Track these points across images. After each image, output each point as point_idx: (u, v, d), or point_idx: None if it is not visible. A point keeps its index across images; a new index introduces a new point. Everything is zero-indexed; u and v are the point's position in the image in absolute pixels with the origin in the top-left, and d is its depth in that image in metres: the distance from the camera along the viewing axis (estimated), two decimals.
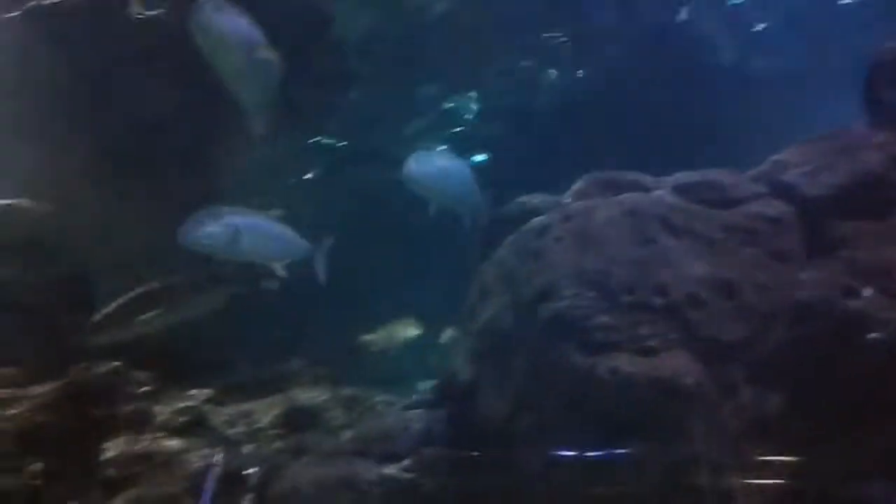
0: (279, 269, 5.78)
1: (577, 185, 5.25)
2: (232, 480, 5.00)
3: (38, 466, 4.92)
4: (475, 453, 4.63)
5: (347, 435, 5.60)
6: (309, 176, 8.87)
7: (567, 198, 5.21)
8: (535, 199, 5.73)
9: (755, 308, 4.13)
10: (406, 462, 4.65)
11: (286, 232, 5.85)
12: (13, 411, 5.01)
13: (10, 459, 4.93)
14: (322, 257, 5.98)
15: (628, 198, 4.76)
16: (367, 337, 8.30)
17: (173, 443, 5.19)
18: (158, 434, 5.22)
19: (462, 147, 8.80)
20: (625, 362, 3.96)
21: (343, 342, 8.17)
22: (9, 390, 5.09)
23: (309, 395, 6.81)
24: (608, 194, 5.00)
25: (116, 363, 5.47)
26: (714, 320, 4.09)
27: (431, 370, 7.89)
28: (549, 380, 4.30)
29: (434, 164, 5.74)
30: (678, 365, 3.93)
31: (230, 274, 6.19)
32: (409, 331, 8.55)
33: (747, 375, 4.03)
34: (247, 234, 5.47)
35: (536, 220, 5.03)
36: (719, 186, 4.72)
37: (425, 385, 7.42)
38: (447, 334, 8.32)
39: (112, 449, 4.99)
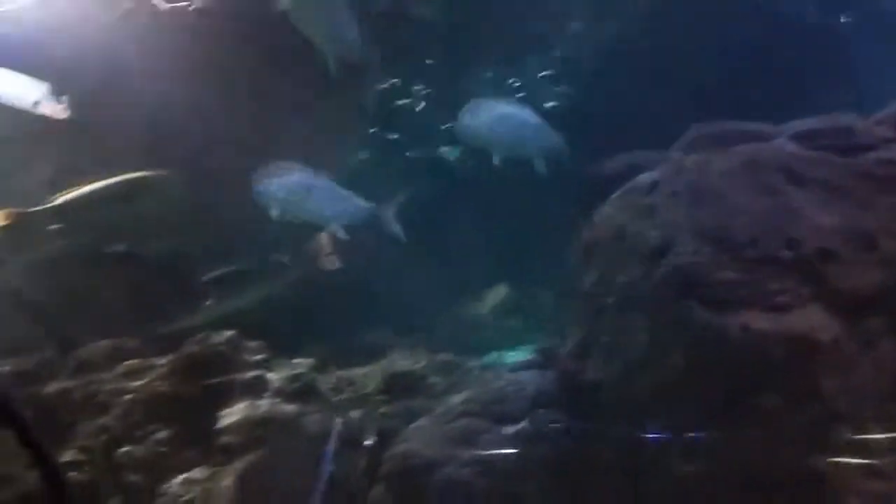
0: (341, 231, 5.79)
1: (686, 138, 5.06)
2: (350, 444, 5.11)
3: (163, 434, 5.14)
4: (588, 416, 4.58)
5: (455, 399, 5.62)
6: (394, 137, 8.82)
7: (676, 151, 5.02)
8: (636, 155, 5.56)
9: (894, 258, 3.89)
10: (523, 423, 4.63)
11: (350, 193, 5.85)
12: (138, 382, 5.23)
13: (138, 428, 5.16)
14: (389, 219, 5.96)
15: (745, 148, 4.55)
16: (461, 304, 8.31)
17: (289, 408, 5.31)
18: (275, 400, 5.35)
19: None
20: (756, 319, 3.80)
21: (435, 310, 8.20)
22: (134, 361, 5.32)
23: (407, 362, 6.88)
24: (721, 146, 4.79)
25: (230, 333, 5.63)
26: (850, 272, 3.87)
27: (525, 334, 7.86)
28: (669, 339, 4.17)
29: (490, 111, 5.60)
30: (813, 320, 3.75)
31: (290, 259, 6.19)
32: (500, 297, 8.51)
33: (888, 328, 3.82)
34: (314, 192, 5.49)
35: (644, 176, 4.87)
36: (845, 132, 4.46)
37: (520, 350, 7.43)
38: (537, 298, 8.27)
39: (232, 415, 5.15)
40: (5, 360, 5.27)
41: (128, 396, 5.14)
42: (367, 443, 5.07)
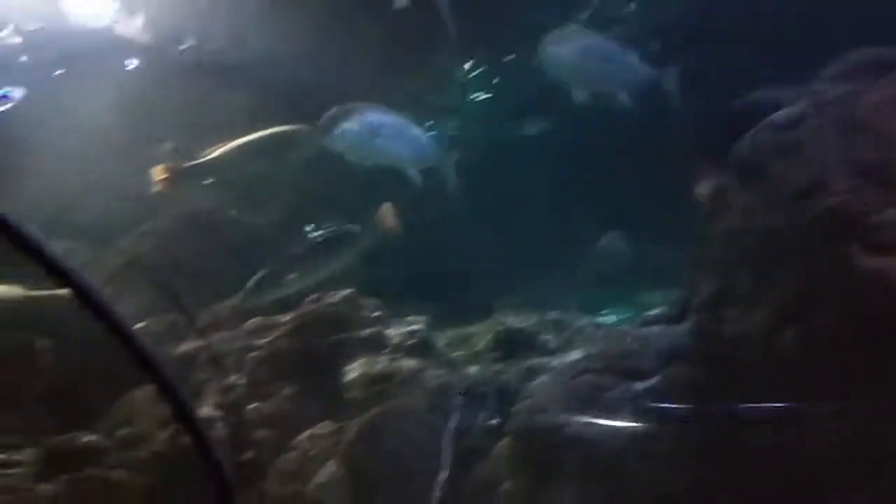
0: (415, 176, 5.57)
1: (832, 70, 4.60)
2: (473, 399, 5.04)
3: (289, 390, 5.22)
4: (727, 372, 4.31)
5: (572, 356, 5.46)
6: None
7: (820, 84, 4.58)
8: (770, 90, 5.13)
9: None
10: (654, 380, 4.41)
11: (421, 135, 5.60)
12: (263, 340, 5.33)
13: (265, 385, 5.26)
14: (450, 166, 5.71)
15: None
16: (572, 257, 8.05)
17: (408, 363, 5.29)
18: (394, 356, 5.35)
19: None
20: None
21: (544, 265, 7.99)
22: (257, 320, 5.42)
23: (517, 319, 6.76)
24: (870, 76, 4.33)
25: (347, 291, 5.65)
26: None
27: (642, 287, 7.55)
28: (822, 288, 3.83)
29: (574, 42, 5.25)
30: None
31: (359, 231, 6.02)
32: (614, 248, 8.17)
33: None
34: (383, 132, 5.28)
35: (784, 112, 4.46)
36: None
37: (638, 304, 7.14)
38: (654, 248, 7.87)
39: (354, 371, 5.17)
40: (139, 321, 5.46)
41: (253, 355, 5.25)
42: (489, 399, 4.98)
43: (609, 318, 7.34)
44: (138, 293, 5.75)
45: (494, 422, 4.92)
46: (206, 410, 4.73)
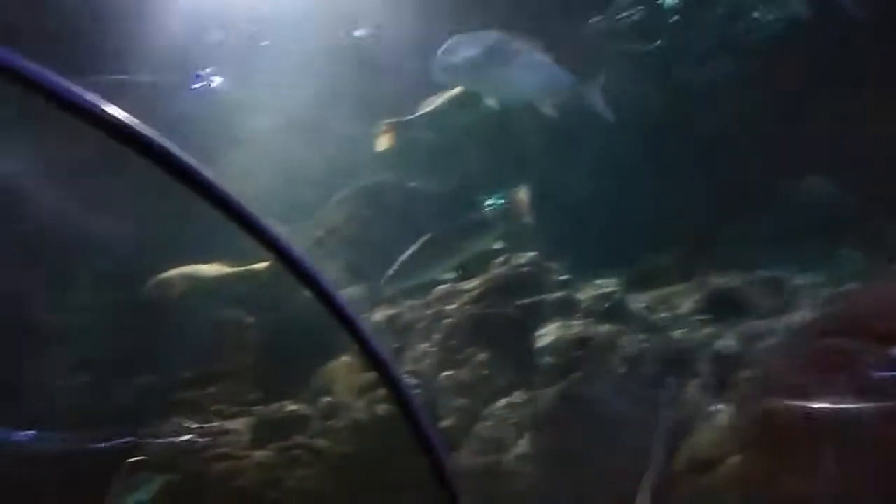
0: (548, 108, 4.99)
1: None
2: (681, 367, 4.61)
3: (482, 356, 5.06)
4: None
5: (795, 317, 4.82)
6: None
7: None
8: None
9: None
10: None
11: (548, 61, 4.99)
12: (452, 306, 5.20)
13: (456, 352, 5.14)
14: (595, 93, 5.08)
15: None
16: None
17: (605, 327, 4.93)
18: (587, 320, 5.01)
19: None
20: None
21: (737, 221, 7.21)
22: (445, 286, 5.31)
23: (722, 280, 6.12)
24: None
25: (533, 254, 5.38)
26: None
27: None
28: None
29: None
30: None
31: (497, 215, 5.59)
32: (818, 194, 7.17)
33: None
34: (510, 57, 4.75)
35: None
36: None
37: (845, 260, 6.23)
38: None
39: (547, 336, 4.90)
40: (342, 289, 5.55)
41: (443, 322, 5.14)
42: (705, 365, 4.50)
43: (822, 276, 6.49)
44: (329, 265, 5.88)
45: (711, 389, 4.44)
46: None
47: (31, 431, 5.35)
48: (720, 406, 4.43)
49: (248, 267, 5.92)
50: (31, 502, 4.82)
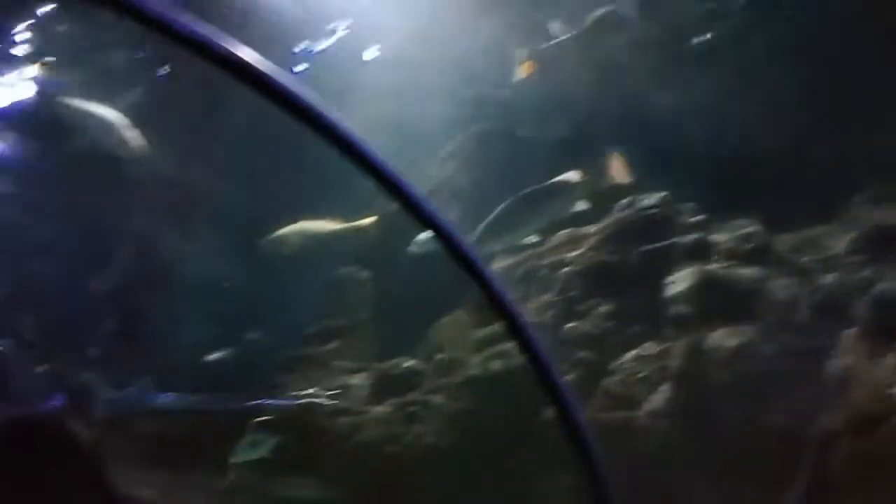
0: None
1: None
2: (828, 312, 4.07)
3: (607, 307, 4.69)
4: None
5: None
6: None
7: None
8: None
9: None
10: None
11: None
12: (573, 253, 4.85)
13: (580, 302, 4.80)
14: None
15: None
16: None
17: (746, 272, 4.42)
18: (726, 263, 4.50)
19: None
20: None
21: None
22: (566, 231, 4.95)
23: (882, 214, 5.38)
24: None
25: (663, 193, 4.91)
26: None
27: None
28: None
29: None
30: None
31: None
32: None
33: None
34: None
35: None
36: None
37: None
38: None
39: (679, 283, 4.45)
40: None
41: (565, 270, 4.79)
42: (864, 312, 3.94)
43: None
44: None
45: (872, 338, 3.88)
46: None
47: (171, 393, 5.55)
48: (883, 357, 3.90)
49: (357, 223, 5.80)
50: (164, 456, 4.97)
